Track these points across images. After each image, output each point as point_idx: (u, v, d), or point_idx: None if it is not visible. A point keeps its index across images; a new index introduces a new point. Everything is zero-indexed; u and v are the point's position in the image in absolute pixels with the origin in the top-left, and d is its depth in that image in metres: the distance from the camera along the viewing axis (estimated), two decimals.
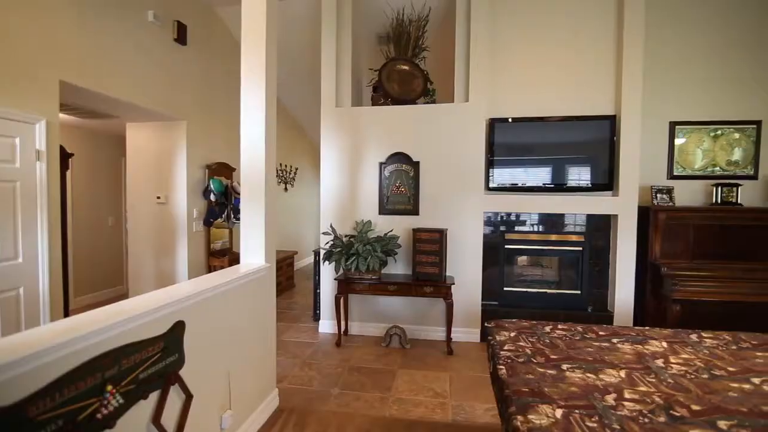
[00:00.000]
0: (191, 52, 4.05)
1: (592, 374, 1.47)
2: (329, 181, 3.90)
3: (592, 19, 3.57)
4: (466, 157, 3.67)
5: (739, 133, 3.71)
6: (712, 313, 3.37)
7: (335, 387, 2.80)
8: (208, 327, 1.81)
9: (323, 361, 3.24)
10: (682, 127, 3.79)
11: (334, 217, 3.85)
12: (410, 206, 3.73)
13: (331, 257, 3.48)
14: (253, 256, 2.38)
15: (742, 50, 3.67)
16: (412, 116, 3.77)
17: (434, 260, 3.41)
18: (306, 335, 3.84)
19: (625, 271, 3.49)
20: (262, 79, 2.34)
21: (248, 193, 2.36)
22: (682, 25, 3.73)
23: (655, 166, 3.78)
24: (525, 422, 1.15)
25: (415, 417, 2.43)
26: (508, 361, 1.57)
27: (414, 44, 4.16)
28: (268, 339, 2.46)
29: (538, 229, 3.75)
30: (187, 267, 4.11)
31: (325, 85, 3.92)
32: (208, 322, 1.81)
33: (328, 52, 3.90)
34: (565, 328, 1.95)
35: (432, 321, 3.75)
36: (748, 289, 3.16)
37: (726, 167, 3.72)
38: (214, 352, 1.85)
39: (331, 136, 3.89)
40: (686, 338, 1.86)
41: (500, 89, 3.73)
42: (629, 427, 1.14)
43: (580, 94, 3.60)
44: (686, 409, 1.25)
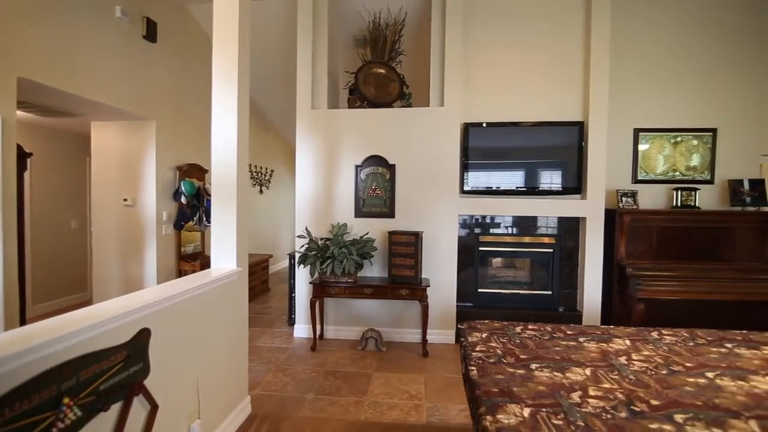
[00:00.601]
0: (161, 50, 3.93)
1: (560, 373, 1.52)
2: (305, 183, 3.86)
3: (561, 28, 3.69)
4: (441, 161, 3.71)
5: (697, 140, 3.92)
6: (674, 311, 3.54)
7: (310, 392, 2.77)
8: (176, 334, 1.76)
9: (298, 366, 3.19)
10: (646, 134, 3.97)
11: (309, 220, 3.82)
12: (386, 209, 3.74)
13: (306, 260, 3.44)
14: (224, 260, 2.32)
15: (700, 63, 3.89)
16: (389, 119, 3.79)
17: (410, 263, 3.43)
18: (280, 340, 3.78)
19: (593, 271, 3.62)
20: (234, 79, 2.29)
21: (219, 195, 2.31)
22: (647, 38, 3.92)
23: (621, 170, 3.95)
24: (494, 422, 1.17)
25: (389, 420, 2.43)
26: (479, 362, 1.59)
27: (390, 48, 4.18)
28: (239, 345, 2.41)
29: (511, 232, 3.84)
30: (156, 272, 3.97)
31: (300, 87, 3.88)
32: (175, 329, 1.75)
33: (303, 53, 3.87)
34: (535, 329, 2.00)
35: (408, 323, 3.76)
36: (706, 288, 3.33)
37: (685, 172, 3.92)
38: (182, 360, 1.80)
39: (307, 138, 3.86)
40: (648, 336, 1.95)
41: (474, 94, 3.80)
42: (592, 423, 1.18)
43: (550, 100, 3.71)
44: (646, 404, 1.30)
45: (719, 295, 3.33)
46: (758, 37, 3.85)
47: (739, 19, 3.86)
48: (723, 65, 3.88)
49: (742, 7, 3.85)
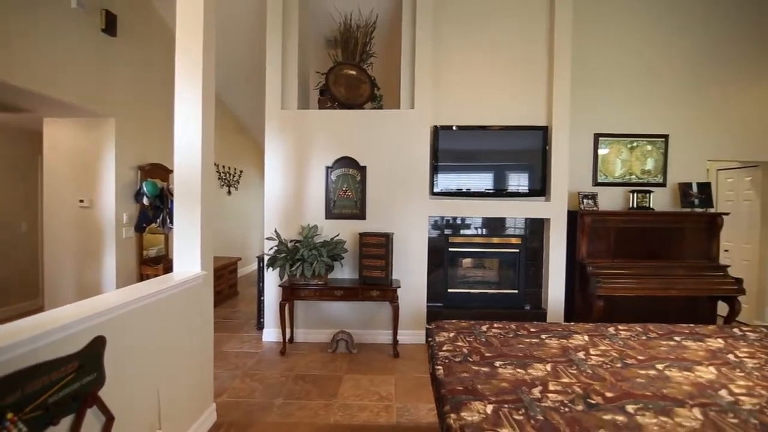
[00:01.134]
0: (122, 44, 3.76)
1: (522, 369, 1.57)
2: (274, 184, 3.79)
3: (526, 36, 3.82)
4: (411, 163, 3.75)
5: (651, 146, 4.16)
6: (631, 307, 3.73)
7: (278, 397, 2.72)
8: (135, 341, 1.68)
9: (266, 371, 3.13)
10: (605, 139, 4.17)
11: (279, 222, 3.76)
12: (357, 210, 3.73)
13: (276, 263, 3.38)
14: (187, 264, 2.25)
15: (654, 74, 4.14)
16: (360, 121, 3.79)
17: (381, 264, 3.44)
18: (249, 345, 3.69)
19: (557, 270, 3.76)
20: (198, 75, 2.22)
21: (182, 195, 2.23)
22: (606, 49, 4.14)
23: (582, 173, 4.13)
24: (458, 420, 1.19)
25: (359, 422, 2.42)
26: (446, 361, 1.62)
27: (361, 50, 4.19)
28: (204, 351, 2.33)
29: (479, 233, 3.93)
30: (116, 277, 3.79)
31: (270, 86, 3.82)
32: (135, 336, 1.68)
33: (273, 52, 3.81)
34: (500, 327, 2.06)
35: (379, 324, 3.77)
36: (659, 285, 3.54)
37: (641, 175, 4.15)
38: (141, 368, 1.72)
39: (276, 138, 3.80)
40: (605, 331, 2.04)
41: (444, 96, 3.86)
42: (551, 417, 1.22)
43: (517, 105, 3.83)
44: (601, 396, 1.37)
45: (671, 291, 3.54)
46: (706, 53, 4.14)
47: (689, 36, 4.13)
48: (674, 76, 4.14)
49: (693, 26, 4.13)
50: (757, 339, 2.00)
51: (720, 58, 4.14)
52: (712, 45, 4.14)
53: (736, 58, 4.15)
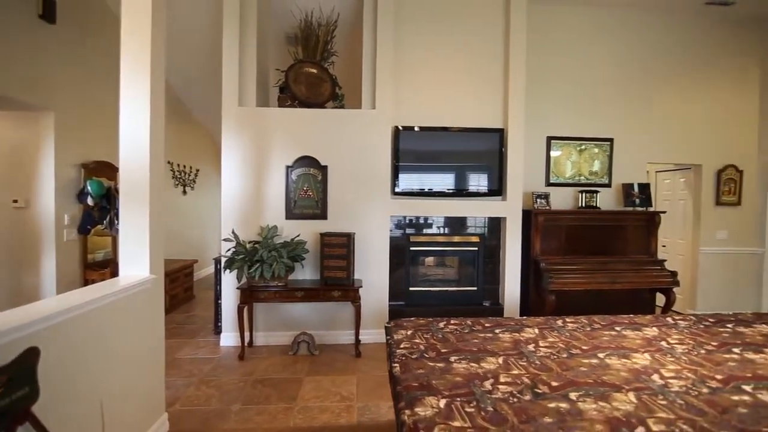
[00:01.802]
0: (62, 31, 3.49)
1: (475, 363, 1.62)
2: (231, 183, 3.68)
3: (484, 39, 3.94)
4: (373, 163, 3.77)
5: (598, 148, 4.43)
6: (580, 300, 3.95)
7: (236, 403, 2.64)
8: (76, 351, 1.57)
9: (224, 377, 3.03)
10: (557, 142, 4.40)
11: (237, 223, 3.64)
12: (318, 210, 3.70)
13: (233, 265, 3.28)
14: (135, 267, 2.13)
15: (601, 81, 4.42)
16: (321, 120, 3.76)
17: (342, 264, 3.42)
18: (205, 350, 3.56)
19: (513, 267, 3.92)
20: (145, 65, 2.10)
21: (129, 195, 2.11)
22: (559, 57, 4.37)
23: (536, 174, 4.32)
24: (411, 415, 1.21)
25: (319, 424, 2.40)
26: (403, 358, 1.65)
27: (323, 48, 4.15)
28: (155, 359, 2.22)
29: (440, 231, 4.01)
30: (56, 282, 3.52)
31: (226, 82, 3.70)
32: (74, 346, 1.57)
33: (230, 47, 3.69)
34: (457, 323, 2.12)
35: (341, 325, 3.76)
36: (605, 279, 3.78)
37: (588, 176, 4.41)
38: (83, 380, 1.61)
39: (234, 136, 3.68)
40: (554, 324, 2.16)
41: (405, 98, 3.91)
42: (500, 407, 1.28)
43: (476, 107, 3.95)
44: (547, 386, 1.45)
45: (615, 285, 3.79)
46: (648, 65, 4.48)
47: (634, 49, 4.45)
48: (620, 85, 4.45)
49: (637, 40, 4.45)
50: (686, 326, 2.18)
51: (660, 70, 4.49)
52: (653, 59, 4.48)
53: (674, 71, 4.51)
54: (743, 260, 4.66)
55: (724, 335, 2.04)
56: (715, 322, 2.25)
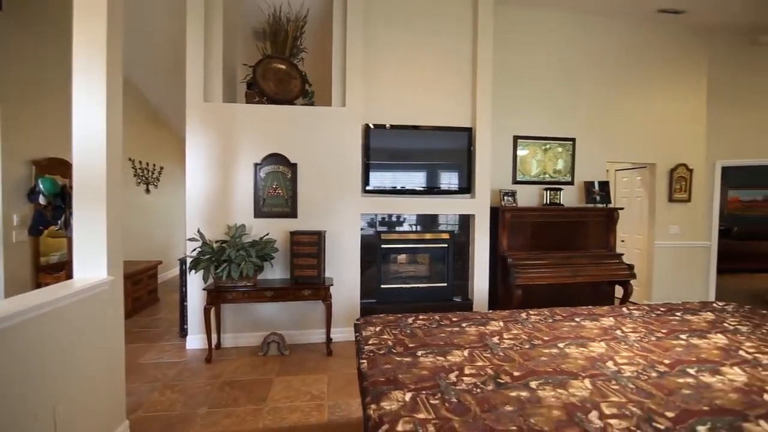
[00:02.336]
0: (9, 18, 3.27)
1: (442, 357, 1.65)
2: (197, 182, 3.56)
3: (453, 38, 4.00)
4: (343, 160, 3.75)
5: (561, 148, 4.61)
6: (545, 294, 4.09)
7: (203, 407, 2.57)
8: (25, 357, 1.48)
9: (190, 381, 2.94)
10: (523, 141, 4.53)
11: (203, 222, 3.54)
12: (288, 209, 3.65)
13: (199, 265, 3.19)
14: (91, 269, 2.02)
15: (564, 83, 4.59)
16: (290, 117, 3.70)
17: (313, 263, 3.40)
18: (170, 354, 3.44)
19: (481, 263, 4.01)
20: (100, 54, 1.99)
21: (83, 193, 2.01)
22: (525, 60, 4.50)
23: (503, 172, 4.44)
24: (377, 409, 1.23)
25: (289, 424, 2.38)
26: (370, 354, 1.66)
27: (292, 44, 4.09)
28: (114, 364, 2.13)
29: (410, 229, 4.05)
30: (4, 286, 3.30)
31: (191, 77, 3.57)
32: (23, 351, 1.48)
33: (194, 40, 3.56)
34: (425, 318, 2.15)
35: (312, 324, 3.73)
36: (568, 273, 3.94)
37: (553, 174, 4.58)
38: (34, 389, 1.52)
39: (199, 132, 3.57)
40: (518, 317, 2.23)
41: (376, 96, 3.91)
42: (464, 398, 1.31)
43: (445, 106, 4.01)
44: (510, 376, 1.50)
45: (578, 278, 3.96)
46: (608, 69, 4.69)
47: (595, 54, 4.64)
48: (582, 87, 4.63)
49: (598, 46, 4.64)
50: (640, 316, 2.31)
51: (619, 74, 4.72)
52: (612, 62, 4.69)
53: (631, 75, 4.74)
54: (693, 253, 4.98)
55: (673, 323, 2.18)
56: (665, 311, 2.40)
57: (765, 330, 2.07)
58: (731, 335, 1.99)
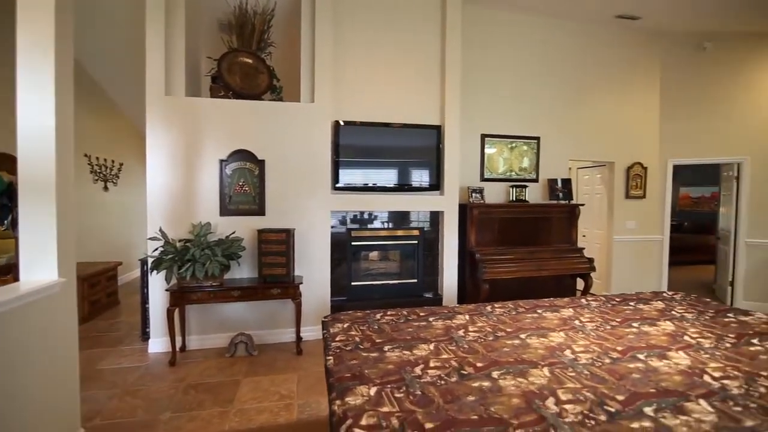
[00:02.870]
0: None
1: (408, 351, 1.67)
2: (158, 179, 3.42)
3: (422, 35, 4.04)
4: (312, 157, 3.71)
5: (527, 146, 4.75)
6: (511, 288, 4.21)
7: (166, 411, 2.49)
8: None
9: (152, 386, 2.83)
10: (490, 139, 4.64)
11: (165, 220, 3.41)
12: (255, 206, 3.57)
13: (161, 265, 3.07)
14: (40, 271, 1.91)
15: (530, 84, 4.73)
16: (257, 113, 3.62)
17: (282, 261, 3.35)
18: (131, 359, 3.30)
19: (450, 258, 4.09)
20: (49, 40, 1.88)
21: (30, 190, 1.90)
22: (492, 61, 4.60)
23: (471, 170, 4.54)
24: (342, 405, 1.23)
25: (257, 425, 2.34)
26: (337, 351, 1.66)
27: (259, 38, 4.00)
28: (67, 371, 2.02)
29: (381, 226, 4.07)
30: None
31: (151, 69, 3.42)
32: None
33: (154, 29, 3.41)
34: (393, 314, 2.17)
35: (282, 323, 3.68)
36: (533, 267, 4.08)
37: (518, 172, 4.72)
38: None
39: (160, 127, 3.43)
40: (483, 310, 2.29)
41: (345, 92, 3.89)
42: (428, 390, 1.33)
43: (416, 103, 4.04)
44: (473, 367, 1.53)
45: (542, 272, 4.11)
46: (571, 71, 4.86)
47: (559, 56, 4.81)
48: (546, 88, 4.79)
49: (562, 49, 4.80)
50: (597, 306, 2.43)
51: (580, 75, 4.91)
52: (574, 64, 4.88)
53: (591, 76, 4.95)
54: (648, 246, 5.27)
55: (627, 312, 2.31)
56: (620, 302, 2.53)
57: (708, 316, 2.23)
58: (678, 322, 2.13)
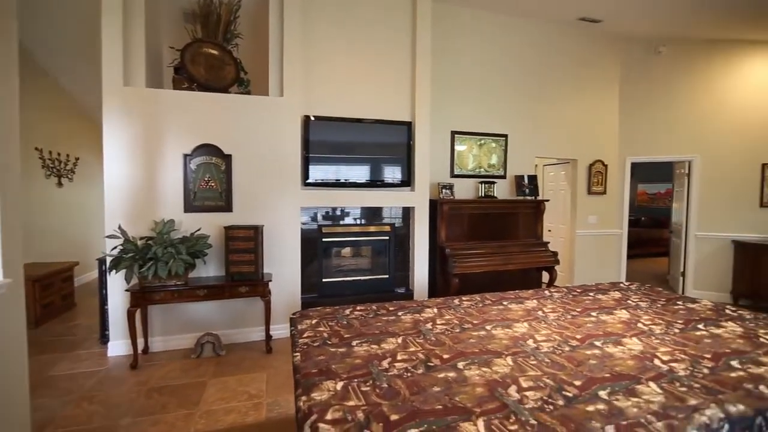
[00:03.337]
0: None
1: (376, 345, 1.68)
2: (117, 174, 3.26)
3: (392, 30, 4.03)
4: (281, 152, 3.64)
5: (495, 143, 4.86)
6: (480, 281, 4.31)
7: (126, 417, 2.38)
8: None
9: (112, 390, 2.71)
10: (460, 136, 4.71)
11: (125, 217, 3.25)
12: (222, 202, 3.47)
13: (120, 264, 2.93)
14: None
15: (498, 83, 4.83)
16: (223, 106, 3.51)
17: (250, 258, 3.27)
18: (88, 363, 3.13)
19: (421, 253, 4.13)
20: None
21: None
22: (464, 58, 4.67)
23: (442, 166, 4.60)
24: (307, 401, 1.22)
25: (224, 426, 2.29)
26: (304, 347, 1.64)
27: (225, 28, 3.87)
28: (14, 377, 1.89)
29: (352, 222, 4.05)
30: None
31: (108, 57, 3.24)
32: None
33: (110, 15, 3.23)
34: (362, 309, 2.17)
35: (251, 322, 3.60)
36: (501, 261, 4.19)
37: (487, 168, 4.82)
38: None
39: (119, 119, 3.26)
40: (451, 303, 2.33)
41: (315, 87, 3.84)
42: (394, 383, 1.34)
43: (387, 99, 4.04)
44: (439, 359, 1.56)
45: (509, 266, 4.23)
46: (537, 71, 5.01)
47: (527, 56, 4.93)
48: (514, 87, 4.92)
49: (530, 49, 4.93)
50: (559, 297, 2.53)
51: (545, 75, 5.07)
52: (540, 64, 5.03)
53: (555, 76, 5.12)
54: (608, 240, 5.53)
55: (587, 302, 2.41)
56: (581, 292, 2.64)
57: (659, 305, 2.37)
58: (633, 310, 2.25)
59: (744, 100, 5.03)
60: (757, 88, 4.98)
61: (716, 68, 5.14)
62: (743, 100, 5.04)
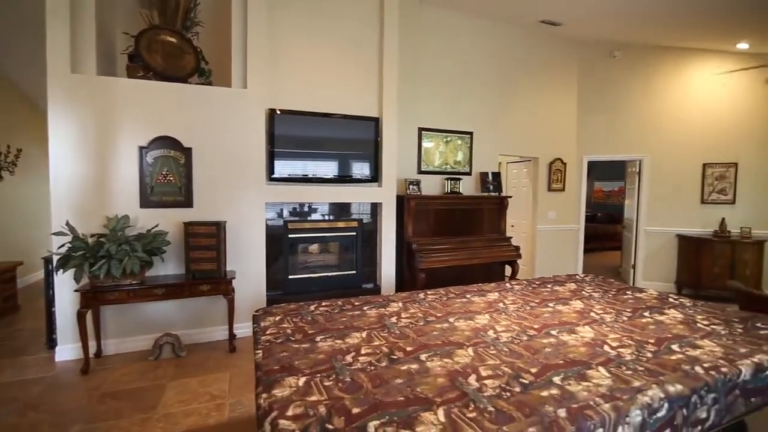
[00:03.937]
0: None
1: (340, 340, 1.68)
2: (64, 167, 3.05)
3: (361, 25, 4.01)
4: (245, 146, 3.54)
5: (461, 141, 4.96)
6: (446, 276, 4.39)
7: (76, 424, 2.25)
8: None
9: (60, 397, 2.54)
10: (427, 133, 4.77)
11: (74, 213, 3.05)
12: (182, 198, 3.33)
13: (69, 263, 2.75)
14: None
15: (465, 82, 4.92)
16: (183, 97, 3.37)
17: (211, 255, 3.17)
18: (34, 370, 2.93)
19: (388, 249, 4.16)
20: None
21: None
22: (432, 56, 4.72)
23: (408, 162, 4.64)
24: (268, 398, 1.20)
25: (184, 428, 2.21)
26: (267, 344, 1.61)
27: (184, 15, 3.70)
28: None
29: (318, 218, 4.01)
30: None
31: (53, 41, 3.02)
32: None
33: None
34: (327, 304, 2.16)
35: (214, 321, 3.49)
36: (466, 256, 4.30)
37: (453, 165, 4.92)
38: None
39: (65, 109, 3.04)
40: (416, 297, 2.37)
41: (281, 80, 3.75)
42: (357, 376, 1.35)
43: (354, 94, 4.01)
44: (403, 352, 1.58)
45: (474, 260, 4.34)
46: (501, 71, 5.15)
47: (491, 57, 5.05)
48: (479, 86, 5.04)
49: (494, 50, 5.05)
50: (519, 289, 2.62)
51: (508, 75, 5.22)
52: (503, 64, 5.17)
53: (517, 77, 5.29)
54: (566, 235, 5.80)
55: (545, 293, 2.52)
56: (539, 285, 2.76)
57: (611, 295, 2.51)
58: (586, 300, 2.37)
59: (688, 103, 5.41)
60: (699, 93, 5.36)
61: (665, 73, 5.49)
62: (687, 104, 5.42)
